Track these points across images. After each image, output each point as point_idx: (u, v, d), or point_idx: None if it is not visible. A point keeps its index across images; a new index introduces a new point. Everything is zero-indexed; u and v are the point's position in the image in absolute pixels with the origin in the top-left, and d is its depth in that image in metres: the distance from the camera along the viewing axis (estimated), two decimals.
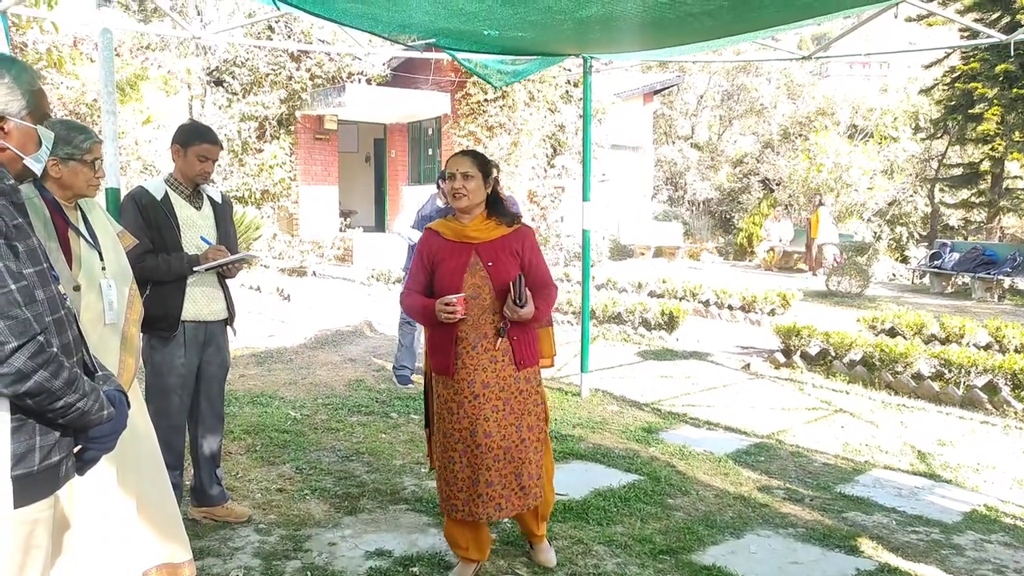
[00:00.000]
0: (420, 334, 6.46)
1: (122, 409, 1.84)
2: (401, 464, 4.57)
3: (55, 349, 1.64)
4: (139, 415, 2.74)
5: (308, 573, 3.19)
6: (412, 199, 6.56)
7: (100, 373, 1.90)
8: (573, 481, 4.34)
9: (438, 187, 6.32)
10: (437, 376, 3.11)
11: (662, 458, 4.83)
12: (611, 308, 9.61)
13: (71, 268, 2.54)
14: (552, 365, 3.36)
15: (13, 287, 1.58)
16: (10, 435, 1.64)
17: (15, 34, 8.43)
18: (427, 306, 3.02)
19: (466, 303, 2.97)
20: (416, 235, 6.23)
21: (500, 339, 3.01)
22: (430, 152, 16.41)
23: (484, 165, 3.09)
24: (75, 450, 1.81)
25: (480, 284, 3.01)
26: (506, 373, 3.02)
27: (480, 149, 14.27)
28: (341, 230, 16.38)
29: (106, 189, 3.80)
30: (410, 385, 6.37)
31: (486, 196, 3.11)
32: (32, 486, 1.69)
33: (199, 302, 3.47)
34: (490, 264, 3.02)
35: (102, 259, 2.66)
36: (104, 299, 2.63)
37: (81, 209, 2.73)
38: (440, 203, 6.26)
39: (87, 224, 2.70)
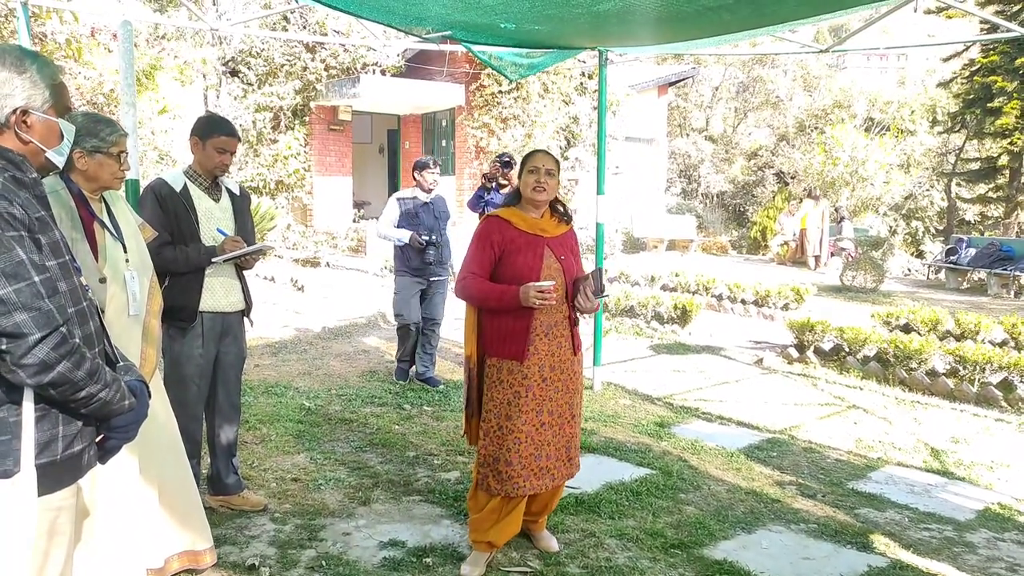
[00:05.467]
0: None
1: (143, 399, 1.87)
2: (414, 456, 4.60)
3: (77, 340, 1.67)
4: (160, 404, 2.78)
5: (323, 562, 3.23)
6: (391, 203, 6.19)
7: (121, 363, 1.93)
8: (585, 474, 4.33)
9: (414, 178, 6.07)
10: (500, 361, 3.17)
11: (674, 452, 4.84)
12: (624, 301, 9.60)
13: (96, 260, 2.57)
14: None
15: (37, 279, 1.60)
16: (34, 424, 1.67)
17: (34, 24, 8.50)
18: (506, 291, 3.10)
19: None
20: (404, 234, 5.92)
21: (572, 327, 3.28)
22: (444, 143, 16.42)
23: (558, 168, 3.31)
24: (97, 439, 1.85)
25: (554, 276, 3.20)
26: (566, 357, 3.26)
27: (494, 141, 14.27)
28: (355, 221, 16.43)
29: (125, 180, 3.83)
30: (401, 382, 6.16)
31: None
32: (56, 474, 1.72)
33: (217, 293, 3.50)
34: (562, 258, 3.26)
35: (125, 251, 2.70)
36: (128, 291, 2.67)
37: (105, 201, 2.76)
38: (423, 196, 6.02)
39: (111, 216, 2.74)
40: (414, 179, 6.11)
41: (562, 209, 3.40)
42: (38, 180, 1.78)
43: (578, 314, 3.31)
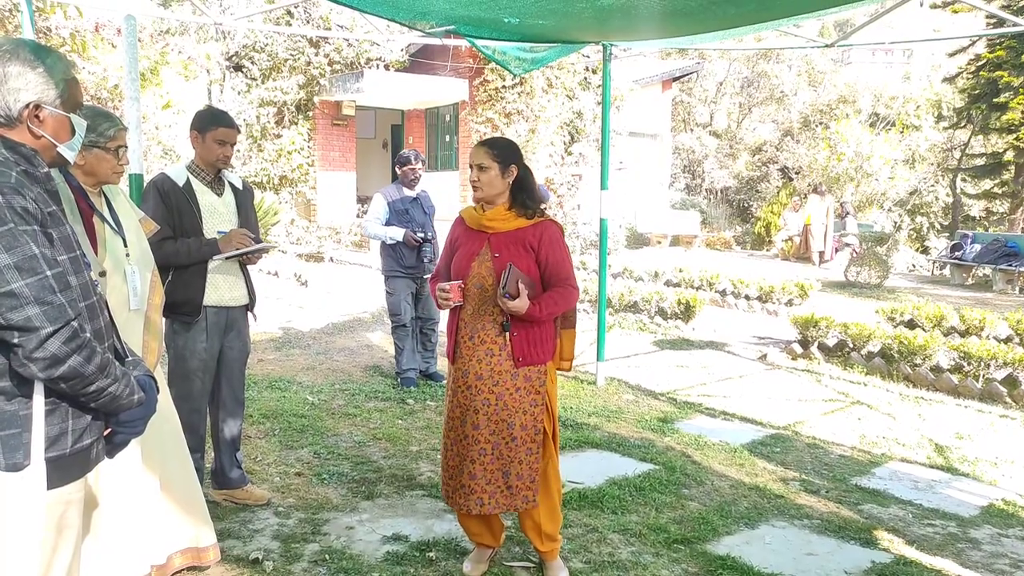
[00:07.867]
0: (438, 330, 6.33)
1: (151, 394, 1.88)
2: (417, 450, 4.61)
3: (88, 335, 1.67)
4: (163, 398, 2.79)
5: (326, 556, 3.24)
6: (377, 200, 6.07)
7: (130, 358, 1.94)
8: (588, 470, 4.36)
9: (396, 174, 6.01)
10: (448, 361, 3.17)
11: (677, 448, 4.84)
12: (627, 297, 9.60)
13: (96, 253, 2.57)
14: (570, 369, 3.26)
15: (49, 273, 1.61)
16: (44, 418, 1.68)
17: (38, 19, 8.50)
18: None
19: (463, 291, 2.96)
20: (396, 232, 5.80)
21: (504, 333, 2.93)
22: (447, 138, 16.40)
23: (504, 155, 3.00)
24: (105, 433, 1.85)
25: (485, 275, 2.95)
26: (502, 368, 2.93)
27: (497, 136, 14.24)
28: (358, 216, 16.43)
29: (129, 175, 3.84)
30: (414, 388, 5.96)
31: (509, 186, 3.04)
32: (65, 468, 1.73)
33: (221, 288, 3.51)
34: (496, 255, 2.95)
35: (126, 245, 2.69)
36: (128, 284, 2.67)
37: (105, 195, 2.76)
38: (408, 191, 5.93)
39: (111, 210, 2.73)
40: (397, 174, 6.01)
41: (526, 201, 3.04)
42: (49, 175, 1.79)
43: (508, 317, 2.91)
